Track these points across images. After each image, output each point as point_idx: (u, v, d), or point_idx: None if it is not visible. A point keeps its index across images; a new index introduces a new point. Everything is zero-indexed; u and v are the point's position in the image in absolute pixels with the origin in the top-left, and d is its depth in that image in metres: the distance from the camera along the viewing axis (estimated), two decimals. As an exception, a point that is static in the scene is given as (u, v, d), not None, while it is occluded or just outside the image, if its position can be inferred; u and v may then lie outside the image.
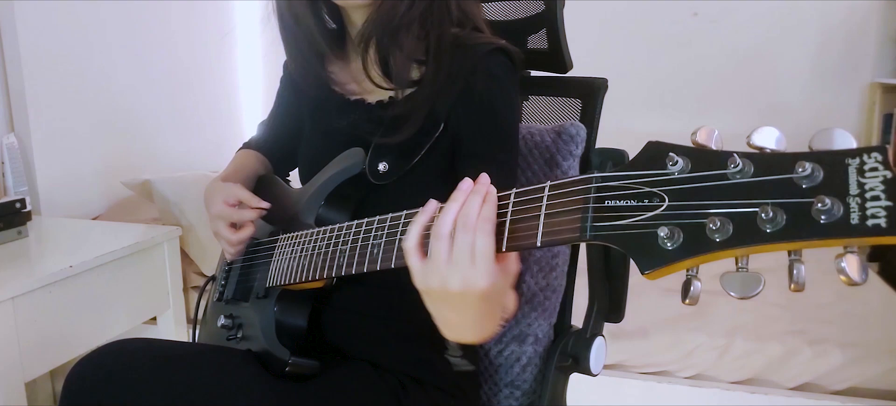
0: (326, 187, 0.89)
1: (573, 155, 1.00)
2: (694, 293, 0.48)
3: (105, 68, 2.15)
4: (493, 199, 0.58)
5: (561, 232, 0.53)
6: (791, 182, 0.42)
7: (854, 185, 0.40)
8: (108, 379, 0.79)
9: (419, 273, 0.60)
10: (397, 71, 0.86)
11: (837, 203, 0.40)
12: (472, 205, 0.58)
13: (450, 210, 0.59)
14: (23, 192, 1.82)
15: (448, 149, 0.87)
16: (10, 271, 1.36)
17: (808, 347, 1.67)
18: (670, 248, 0.45)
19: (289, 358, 0.83)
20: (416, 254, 0.61)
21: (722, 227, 0.43)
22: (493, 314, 0.64)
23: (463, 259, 0.57)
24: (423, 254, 0.61)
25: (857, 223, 0.39)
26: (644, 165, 0.49)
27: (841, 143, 0.42)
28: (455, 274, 0.57)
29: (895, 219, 0.38)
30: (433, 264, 0.59)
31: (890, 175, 0.39)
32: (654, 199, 0.47)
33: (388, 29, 0.84)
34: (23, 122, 1.88)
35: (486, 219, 0.57)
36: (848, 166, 0.40)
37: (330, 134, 0.95)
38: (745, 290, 0.45)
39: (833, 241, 0.40)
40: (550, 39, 1.03)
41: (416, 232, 0.61)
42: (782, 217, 0.41)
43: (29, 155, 1.89)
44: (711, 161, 0.45)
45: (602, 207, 0.50)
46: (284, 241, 0.91)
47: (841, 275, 0.41)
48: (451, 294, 0.58)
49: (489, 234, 0.57)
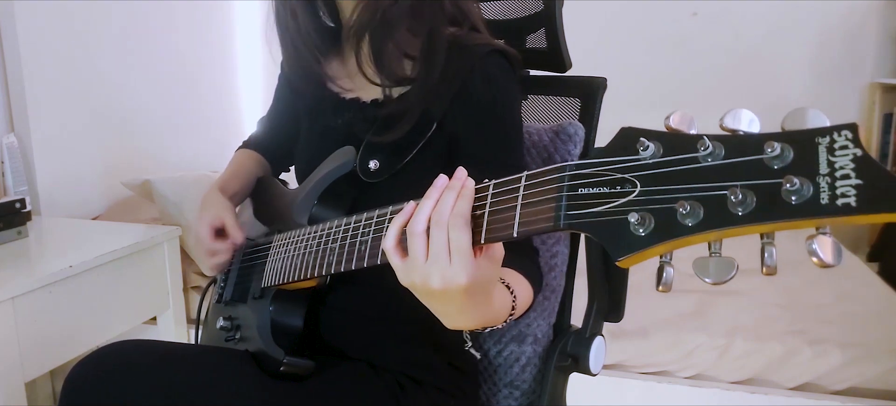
0: (319, 187, 0.89)
1: (572, 154, 0.99)
2: (667, 280, 0.47)
3: (105, 68, 2.15)
4: (468, 194, 0.58)
5: (536, 221, 0.53)
6: (761, 163, 0.41)
7: (824, 164, 0.39)
8: (108, 379, 0.79)
9: (401, 272, 0.61)
10: (388, 64, 0.86)
11: (807, 183, 0.39)
12: (446, 201, 0.58)
13: (424, 207, 0.59)
14: (23, 192, 1.82)
15: (443, 149, 0.86)
16: (10, 271, 1.36)
17: (808, 347, 1.67)
18: (642, 233, 0.45)
19: (283, 357, 0.83)
20: (396, 253, 0.61)
21: (692, 210, 0.42)
22: (485, 303, 0.63)
23: (440, 255, 0.57)
24: (404, 253, 0.61)
25: (826, 203, 0.38)
26: (617, 152, 0.48)
27: (813, 123, 0.41)
28: (434, 271, 0.57)
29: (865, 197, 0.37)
30: (412, 263, 0.59)
31: (860, 152, 0.38)
32: (626, 185, 0.47)
33: (376, 19, 0.84)
34: (23, 122, 1.88)
35: (459, 214, 0.57)
36: (818, 145, 0.39)
37: (325, 133, 0.95)
38: (718, 275, 0.44)
39: (803, 221, 0.39)
40: (549, 39, 1.03)
41: (394, 232, 0.61)
42: (752, 199, 0.40)
43: (29, 155, 1.89)
44: (683, 145, 0.45)
45: (575, 195, 0.50)
46: (279, 242, 0.91)
47: (812, 257, 0.40)
48: (434, 291, 0.58)
49: (462, 229, 0.56)
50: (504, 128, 0.86)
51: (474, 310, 0.62)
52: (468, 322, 0.64)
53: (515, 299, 0.72)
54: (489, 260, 0.60)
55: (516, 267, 0.78)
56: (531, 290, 0.79)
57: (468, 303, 0.60)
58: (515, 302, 0.72)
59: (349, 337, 0.93)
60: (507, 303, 0.71)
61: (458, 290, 0.57)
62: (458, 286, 0.57)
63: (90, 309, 1.47)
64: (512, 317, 0.72)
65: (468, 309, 0.61)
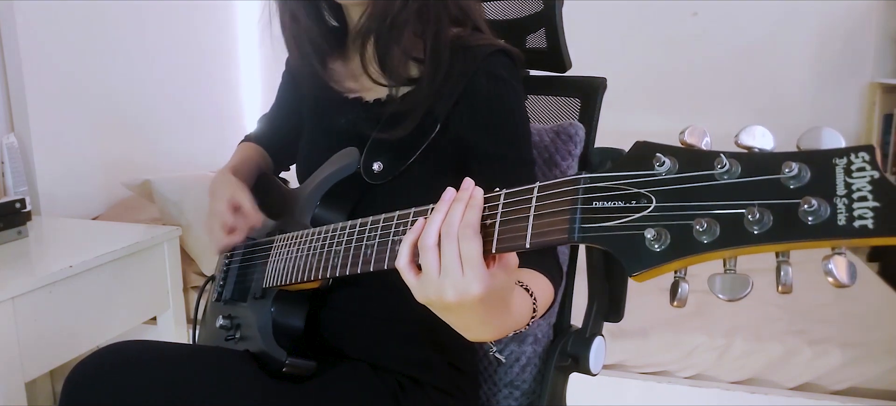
0: (322, 188, 0.89)
1: (572, 154, 0.99)
2: (682, 295, 0.47)
3: (105, 68, 2.15)
4: (476, 204, 0.58)
5: (550, 233, 0.53)
6: (778, 183, 0.41)
7: (841, 186, 0.39)
8: (108, 379, 0.79)
9: (417, 289, 0.61)
10: (394, 67, 0.86)
11: (824, 204, 0.39)
12: (455, 213, 0.58)
13: (433, 221, 0.59)
14: (23, 192, 1.82)
15: (447, 151, 0.86)
16: (10, 271, 1.36)
17: (808, 347, 1.67)
18: (657, 249, 0.45)
19: (285, 358, 0.83)
20: (410, 271, 0.61)
21: (709, 228, 0.43)
22: (503, 311, 0.63)
23: (453, 268, 0.57)
24: (417, 269, 0.61)
25: (844, 224, 0.38)
26: (632, 166, 0.48)
27: (829, 143, 0.41)
28: (448, 284, 0.57)
29: (882, 219, 0.37)
30: (426, 278, 0.59)
31: (877, 175, 0.38)
32: (642, 199, 0.47)
33: (385, 24, 0.84)
34: (23, 122, 1.88)
35: (468, 225, 0.57)
36: (835, 166, 0.40)
37: (329, 132, 0.95)
38: (733, 292, 0.45)
39: (820, 242, 0.39)
40: (549, 39, 1.03)
41: (407, 250, 0.61)
42: (769, 218, 0.41)
43: (29, 155, 1.89)
44: (699, 161, 0.45)
45: (590, 209, 0.50)
46: (281, 242, 0.91)
47: (828, 277, 0.40)
48: (450, 304, 0.58)
49: (472, 239, 0.56)
50: (512, 124, 0.86)
51: (494, 319, 0.62)
52: (489, 333, 0.64)
53: (535, 301, 0.72)
54: (503, 269, 0.59)
55: (536, 265, 0.77)
56: (551, 287, 0.78)
57: (486, 313, 0.60)
58: (536, 304, 0.72)
59: (349, 337, 0.93)
60: (527, 306, 0.71)
61: (473, 300, 0.57)
62: (472, 297, 0.57)
63: (90, 309, 1.47)
64: (534, 318, 0.72)
65: (487, 319, 0.61)
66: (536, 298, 0.72)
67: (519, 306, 0.68)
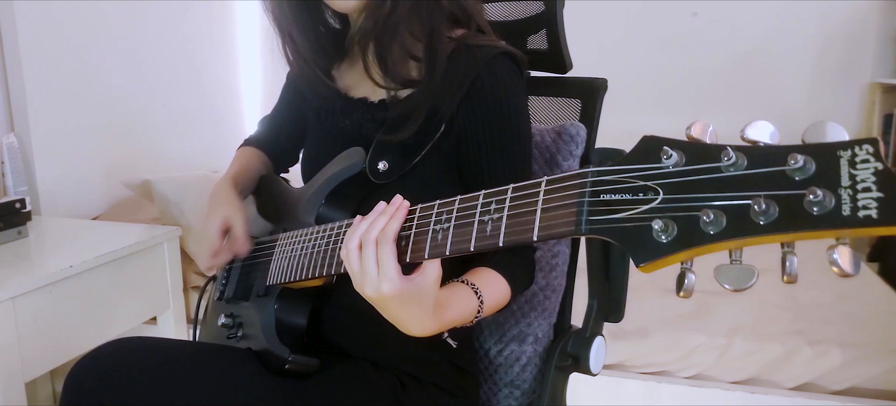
0: (327, 186, 0.89)
1: (573, 155, 1.00)
2: (688, 286, 0.48)
3: (105, 68, 2.15)
4: (399, 217, 0.67)
5: (557, 226, 0.54)
6: (784, 174, 0.42)
7: (846, 177, 0.40)
8: (108, 379, 0.79)
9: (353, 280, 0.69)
10: (393, 67, 0.86)
11: (829, 195, 0.40)
12: (377, 222, 0.67)
13: (358, 227, 0.68)
14: (23, 192, 1.82)
15: (452, 149, 0.87)
16: (10, 271, 1.36)
17: (808, 347, 1.67)
18: (665, 240, 0.45)
19: (288, 356, 0.83)
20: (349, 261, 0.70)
21: (715, 219, 0.43)
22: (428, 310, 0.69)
23: (369, 268, 0.66)
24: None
25: (848, 214, 0.39)
26: (639, 159, 0.49)
27: (833, 136, 0.42)
28: (366, 282, 0.67)
29: (886, 210, 0.38)
30: (352, 274, 0.69)
31: (881, 167, 0.39)
32: (649, 192, 0.47)
33: (383, 26, 0.84)
34: (23, 122, 1.88)
35: (385, 234, 0.66)
36: (840, 158, 0.41)
37: (334, 133, 0.95)
38: (738, 282, 0.45)
39: (825, 232, 0.40)
40: (550, 40, 1.03)
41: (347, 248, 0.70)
42: (775, 209, 0.41)
43: (29, 155, 1.89)
44: (705, 154, 0.46)
45: (597, 201, 0.51)
46: (285, 240, 0.91)
47: (833, 266, 0.41)
48: (372, 298, 0.68)
49: (385, 245, 0.65)
50: (513, 128, 0.87)
51: (421, 317, 0.69)
52: (421, 328, 0.70)
53: (482, 301, 0.77)
54: (423, 276, 0.67)
55: (498, 266, 0.82)
56: (508, 287, 0.82)
57: (406, 311, 0.68)
58: (482, 305, 0.77)
59: (351, 335, 0.93)
60: (472, 304, 0.77)
61: (388, 298, 0.66)
62: (386, 295, 0.66)
63: (90, 309, 1.47)
64: (480, 315, 0.78)
65: (413, 316, 0.69)
66: (483, 299, 0.78)
67: (460, 305, 0.75)
